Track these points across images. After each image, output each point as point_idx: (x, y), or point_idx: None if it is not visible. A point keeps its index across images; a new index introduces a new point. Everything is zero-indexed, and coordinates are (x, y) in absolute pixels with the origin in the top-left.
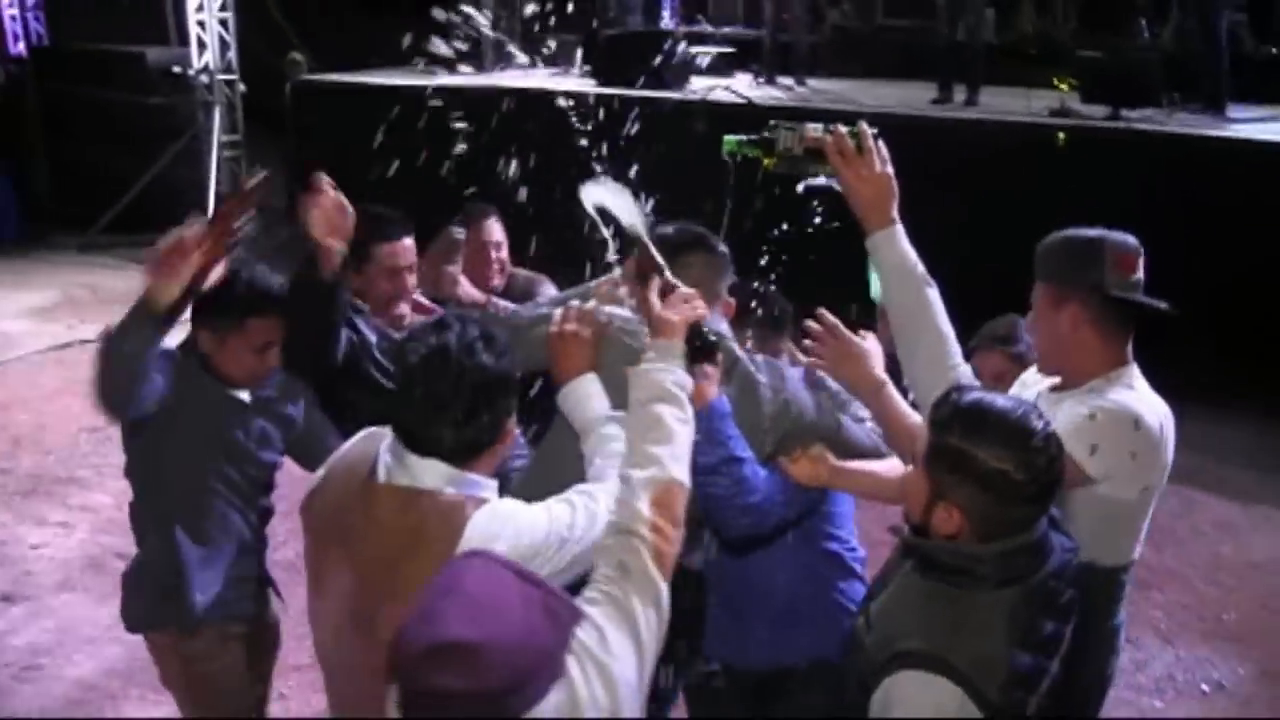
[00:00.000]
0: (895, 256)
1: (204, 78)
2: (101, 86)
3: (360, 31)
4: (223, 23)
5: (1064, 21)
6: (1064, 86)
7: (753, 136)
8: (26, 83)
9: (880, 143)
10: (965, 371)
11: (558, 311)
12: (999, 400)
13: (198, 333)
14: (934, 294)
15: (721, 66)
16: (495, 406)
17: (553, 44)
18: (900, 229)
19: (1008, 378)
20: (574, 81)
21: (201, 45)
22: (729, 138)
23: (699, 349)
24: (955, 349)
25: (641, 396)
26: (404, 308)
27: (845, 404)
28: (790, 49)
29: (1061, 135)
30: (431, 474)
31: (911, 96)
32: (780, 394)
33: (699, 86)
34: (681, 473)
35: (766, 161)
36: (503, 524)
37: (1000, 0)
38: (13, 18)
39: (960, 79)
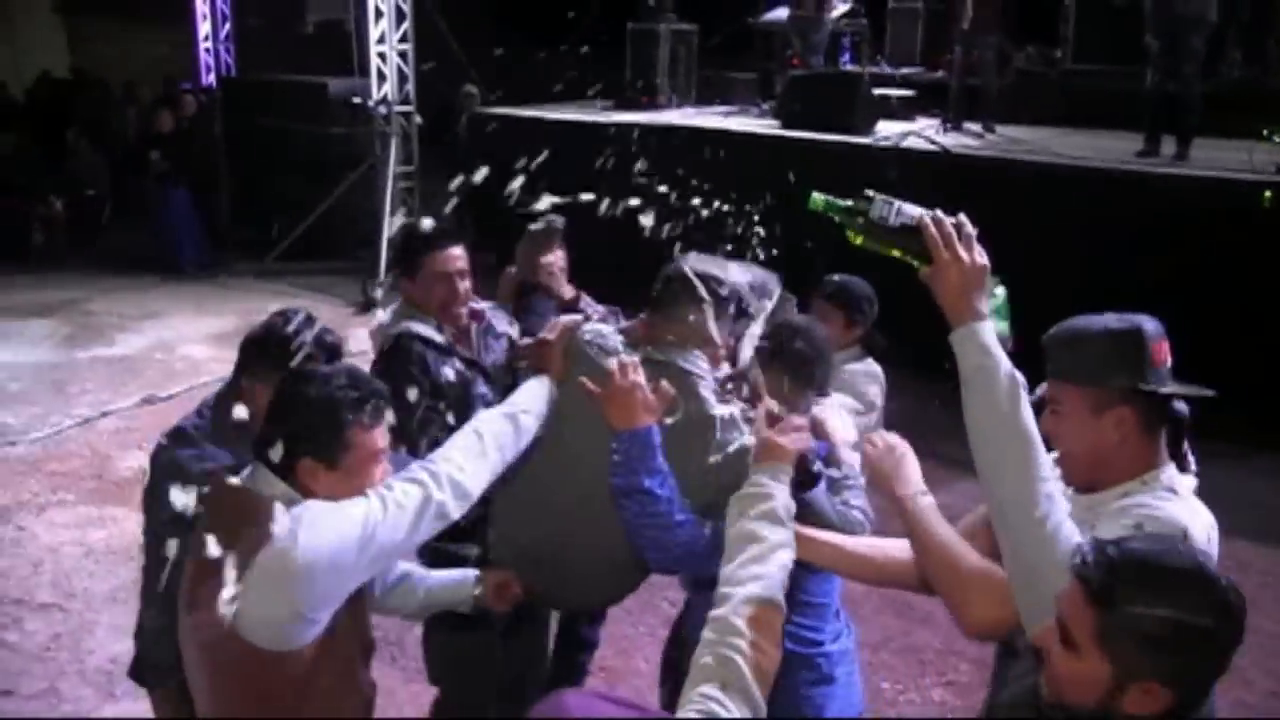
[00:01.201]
0: (978, 356)
1: (382, 109)
2: (284, 116)
3: (534, 65)
4: (401, 55)
5: (1276, 67)
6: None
7: (846, 202)
8: (214, 113)
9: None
10: (1057, 486)
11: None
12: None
13: None
14: (1023, 395)
15: (902, 111)
16: (315, 434)
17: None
18: (987, 325)
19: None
20: (754, 122)
21: (381, 77)
22: (817, 195)
23: (802, 480)
24: (1044, 458)
25: (749, 514)
26: (460, 311)
27: (845, 487)
28: (977, 93)
29: (1268, 194)
30: (262, 481)
31: (1111, 147)
32: (745, 447)
33: (889, 132)
34: (780, 595)
35: (850, 232)
36: (305, 525)
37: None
38: (206, 50)
39: (1169, 130)
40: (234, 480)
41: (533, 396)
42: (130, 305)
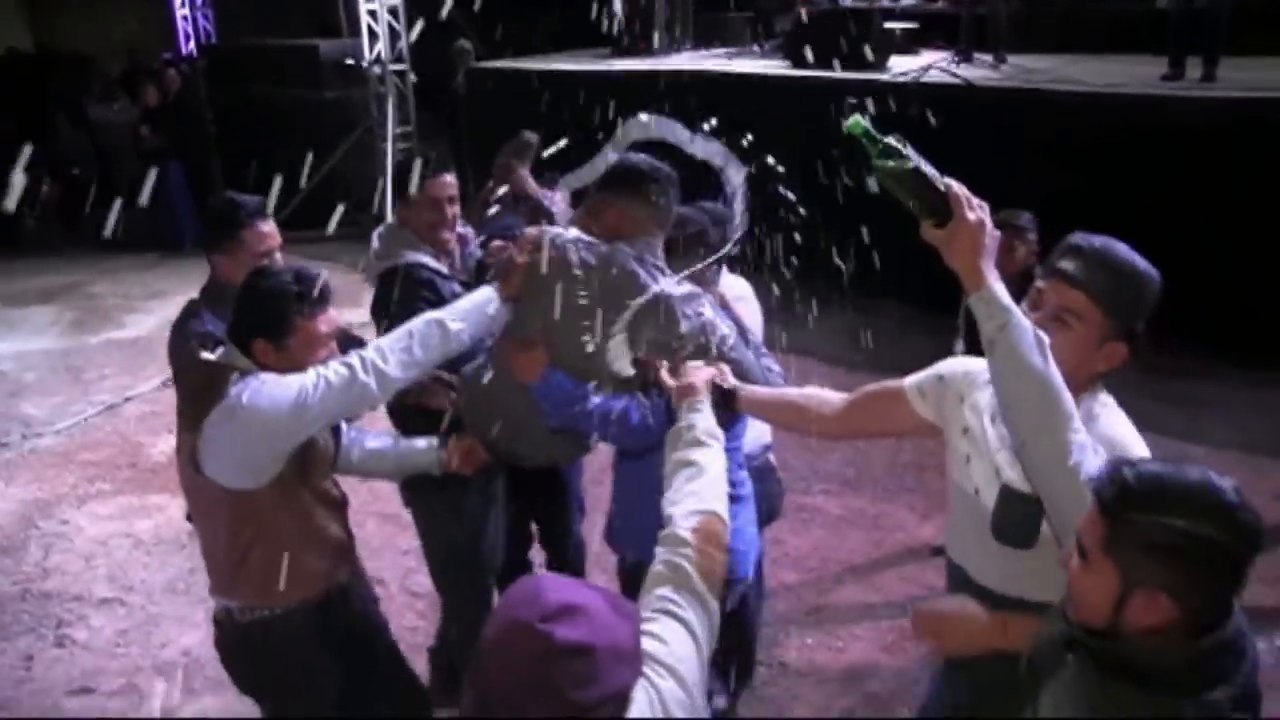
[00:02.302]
0: (1002, 315)
1: (376, 69)
2: (273, 82)
3: (526, 17)
4: (392, 12)
5: None
6: None
7: (886, 138)
8: (198, 82)
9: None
10: (1086, 435)
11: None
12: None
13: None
14: (1048, 349)
15: (908, 45)
16: (265, 320)
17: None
18: (1002, 286)
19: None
20: (762, 63)
21: (373, 36)
22: (859, 120)
23: (721, 400)
24: (1072, 406)
25: (679, 447)
26: (448, 234)
27: (761, 354)
28: (985, 22)
29: None
30: (234, 355)
31: (1133, 72)
32: (700, 318)
33: (907, 67)
34: (720, 506)
35: (877, 167)
36: (250, 389)
37: None
38: (184, 18)
39: (1194, 51)
40: (205, 354)
41: (472, 307)
42: (134, 285)
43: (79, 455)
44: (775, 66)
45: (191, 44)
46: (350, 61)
